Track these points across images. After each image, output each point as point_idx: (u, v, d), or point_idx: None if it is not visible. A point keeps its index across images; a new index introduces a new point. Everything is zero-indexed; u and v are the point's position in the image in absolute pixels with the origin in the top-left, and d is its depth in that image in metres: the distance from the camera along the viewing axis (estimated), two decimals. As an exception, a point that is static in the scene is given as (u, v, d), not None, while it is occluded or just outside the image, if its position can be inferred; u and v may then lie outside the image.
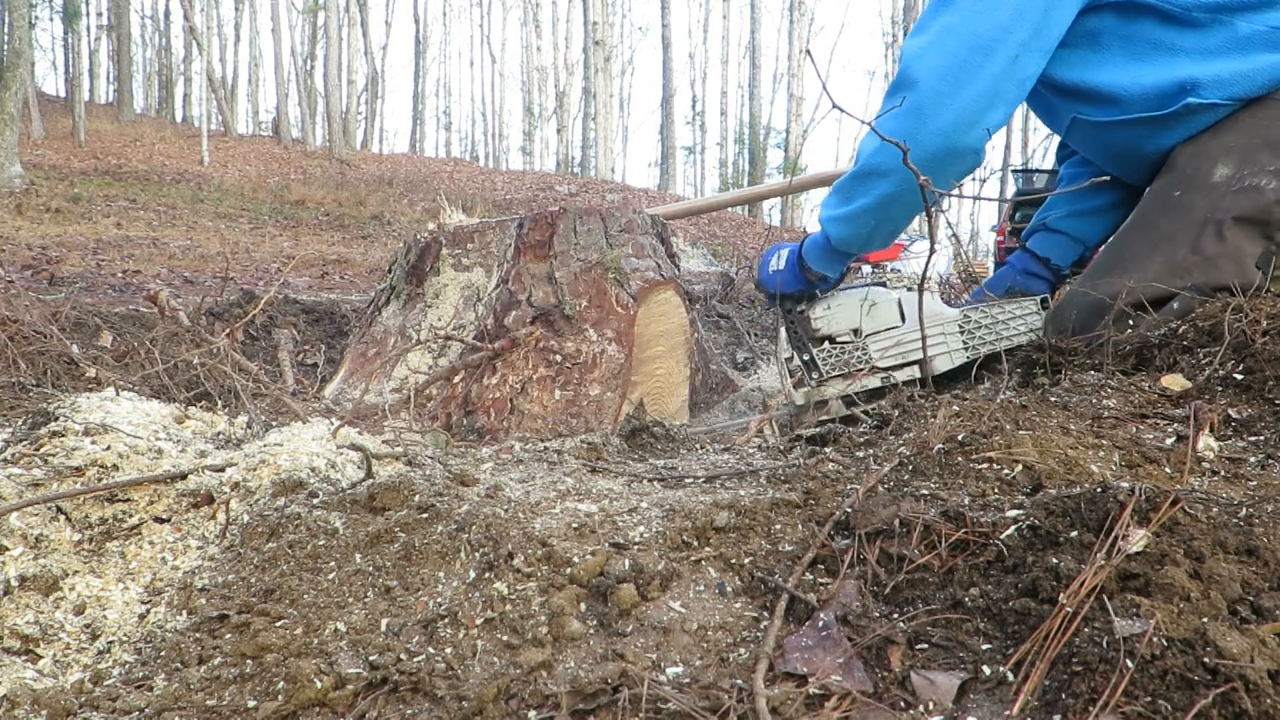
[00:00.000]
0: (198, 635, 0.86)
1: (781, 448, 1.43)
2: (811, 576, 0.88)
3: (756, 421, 1.87)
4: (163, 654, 0.84)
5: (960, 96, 1.67)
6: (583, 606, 0.85)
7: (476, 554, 0.93)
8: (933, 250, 1.78)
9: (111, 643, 0.89)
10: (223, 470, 1.16)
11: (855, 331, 1.95)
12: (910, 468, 1.06)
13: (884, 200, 1.79)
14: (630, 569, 0.88)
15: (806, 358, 1.97)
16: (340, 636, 0.83)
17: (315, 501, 1.06)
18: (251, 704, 0.75)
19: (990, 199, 2.41)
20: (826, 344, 1.96)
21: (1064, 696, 0.65)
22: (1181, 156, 1.78)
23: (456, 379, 2.00)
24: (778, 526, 0.97)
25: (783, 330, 2.06)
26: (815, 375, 1.94)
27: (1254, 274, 1.65)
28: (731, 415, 2.24)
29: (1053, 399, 1.31)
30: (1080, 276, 1.90)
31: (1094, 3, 1.76)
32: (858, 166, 1.82)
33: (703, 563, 0.91)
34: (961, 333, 1.91)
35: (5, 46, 16.11)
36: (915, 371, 1.90)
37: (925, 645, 0.75)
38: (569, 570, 0.89)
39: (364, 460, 1.19)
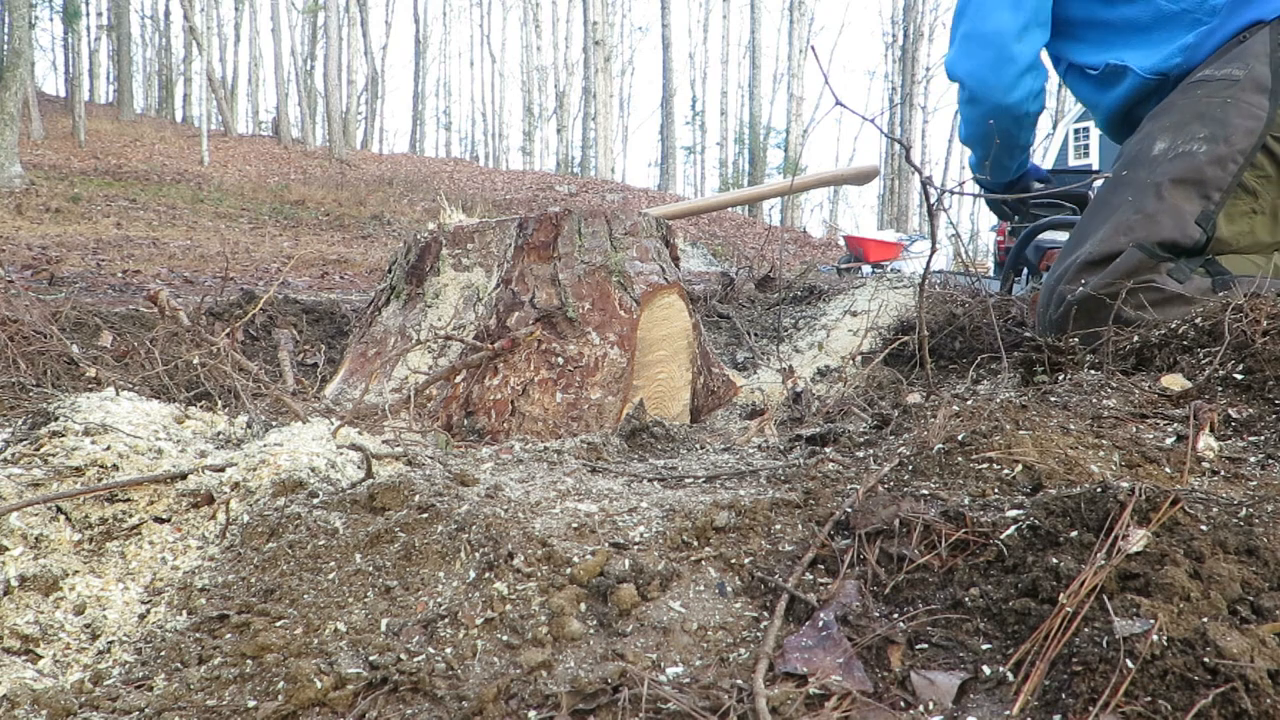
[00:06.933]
0: (198, 635, 0.86)
1: (781, 448, 1.43)
2: (811, 576, 0.88)
3: (757, 421, 1.87)
4: (163, 654, 0.84)
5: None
6: (583, 606, 0.85)
7: (476, 554, 0.93)
8: (933, 250, 1.78)
9: (111, 643, 0.89)
10: (223, 470, 1.16)
11: None
12: (910, 468, 1.06)
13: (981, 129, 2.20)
14: (630, 569, 0.88)
15: None
16: (340, 636, 0.83)
17: (315, 501, 1.06)
18: (251, 704, 0.75)
19: (991, 196, 2.42)
20: None
21: (1064, 696, 0.65)
22: (1129, 144, 1.99)
23: (458, 379, 2.00)
24: (778, 526, 0.97)
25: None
26: None
27: (1194, 230, 1.79)
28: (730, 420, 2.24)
29: (1053, 399, 1.31)
30: (1054, 262, 2.04)
31: None
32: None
33: (703, 563, 0.91)
34: None
35: (5, 46, 16.11)
36: None
37: (925, 645, 0.75)
38: (569, 570, 0.89)
39: (364, 460, 1.19)
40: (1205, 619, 0.67)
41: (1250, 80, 1.79)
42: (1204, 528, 0.78)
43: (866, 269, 11.96)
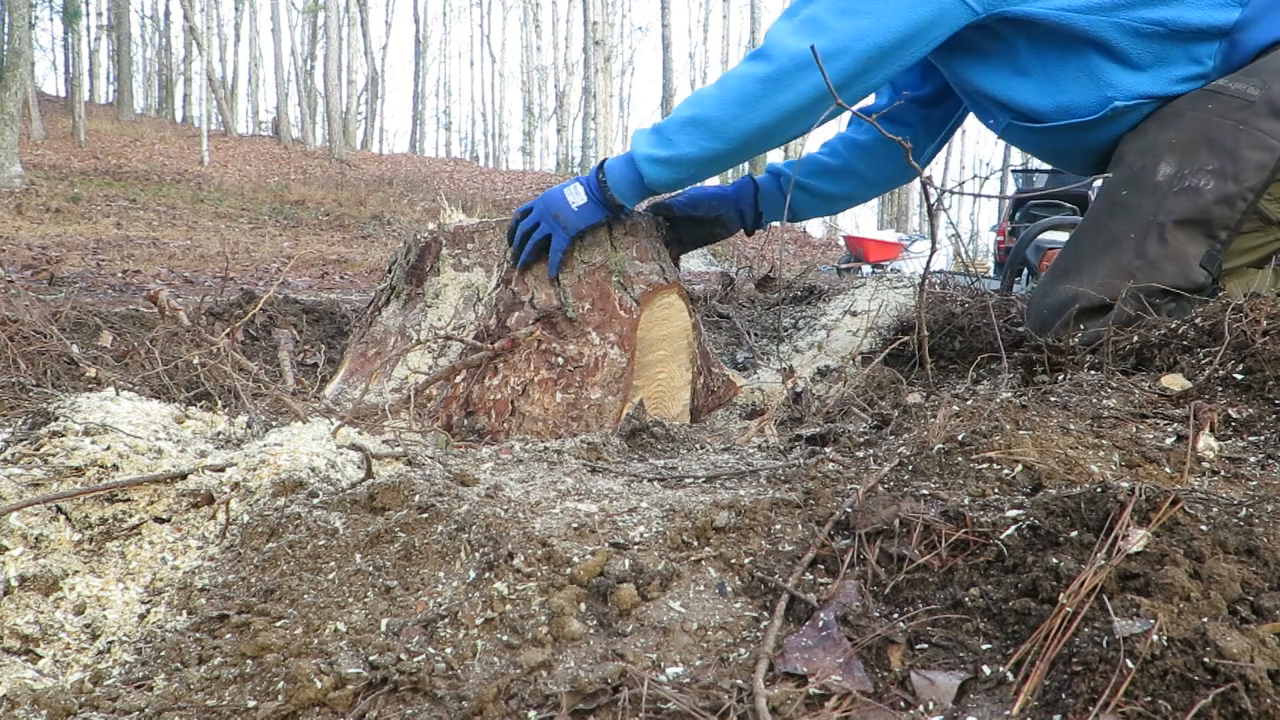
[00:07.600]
0: (198, 635, 0.86)
1: (781, 448, 1.43)
2: (811, 576, 0.88)
3: (757, 421, 1.87)
4: (163, 654, 0.84)
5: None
6: (583, 606, 0.85)
7: (476, 554, 0.93)
8: (934, 250, 1.78)
9: (111, 643, 0.89)
10: (223, 470, 1.16)
11: None
12: (910, 468, 1.06)
13: (711, 156, 1.84)
14: (630, 569, 0.88)
15: None
16: (340, 636, 0.83)
17: (315, 501, 1.06)
18: (251, 704, 0.75)
19: (991, 197, 2.43)
20: None
21: (1064, 696, 0.65)
22: (1129, 153, 1.79)
23: (458, 379, 2.00)
24: (778, 526, 0.97)
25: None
26: None
27: (1199, 274, 1.69)
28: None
29: (1053, 399, 1.31)
30: (1044, 275, 1.95)
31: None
32: (691, 113, 1.83)
33: (703, 563, 0.91)
34: None
35: (5, 46, 16.12)
36: None
37: (925, 645, 0.75)
38: (569, 570, 0.89)
39: (364, 460, 1.19)
40: (1205, 619, 0.67)
41: (1266, 103, 1.65)
42: (1204, 528, 0.78)
43: (866, 269, 11.95)
